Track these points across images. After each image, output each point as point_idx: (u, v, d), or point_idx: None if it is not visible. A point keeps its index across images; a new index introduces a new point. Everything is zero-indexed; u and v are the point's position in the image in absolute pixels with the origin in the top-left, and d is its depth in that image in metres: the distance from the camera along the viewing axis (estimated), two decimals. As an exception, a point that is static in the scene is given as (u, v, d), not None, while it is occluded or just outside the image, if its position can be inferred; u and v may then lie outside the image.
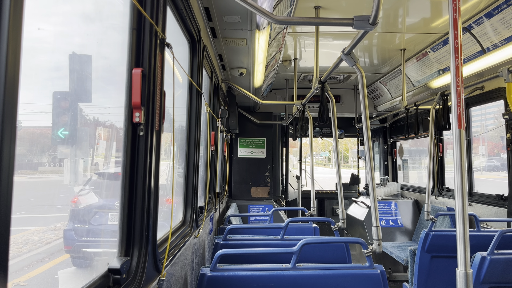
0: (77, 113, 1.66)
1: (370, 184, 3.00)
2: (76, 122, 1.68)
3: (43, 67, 1.43)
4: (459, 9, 1.92)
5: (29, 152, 1.48)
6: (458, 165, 1.99)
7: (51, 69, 1.52)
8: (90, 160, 1.98)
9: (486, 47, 4.36)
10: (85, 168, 1.91)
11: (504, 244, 3.87)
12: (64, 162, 1.70)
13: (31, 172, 1.49)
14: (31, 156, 1.49)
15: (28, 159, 1.46)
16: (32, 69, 1.28)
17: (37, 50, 1.35)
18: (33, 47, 1.29)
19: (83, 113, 1.73)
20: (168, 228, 2.37)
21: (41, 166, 1.56)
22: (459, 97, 1.94)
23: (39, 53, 1.38)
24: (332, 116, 3.98)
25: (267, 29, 3.61)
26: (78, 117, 1.68)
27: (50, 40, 1.44)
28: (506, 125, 4.80)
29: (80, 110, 1.69)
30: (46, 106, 1.47)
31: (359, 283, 2.62)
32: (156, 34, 1.86)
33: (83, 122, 1.77)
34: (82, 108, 1.71)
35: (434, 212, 6.27)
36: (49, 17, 1.41)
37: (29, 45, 1.09)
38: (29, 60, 1.17)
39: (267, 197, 7.68)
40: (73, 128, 1.64)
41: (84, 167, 1.88)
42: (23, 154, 1.41)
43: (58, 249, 2.41)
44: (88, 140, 1.85)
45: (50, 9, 1.43)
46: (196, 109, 3.30)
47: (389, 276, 6.95)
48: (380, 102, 7.86)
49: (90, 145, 1.89)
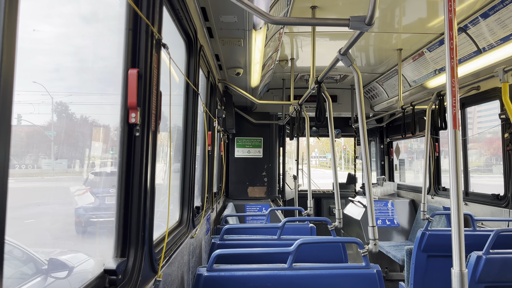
0: (73, 113, 1.66)
1: (367, 183, 3.01)
2: (72, 123, 1.67)
3: (39, 68, 1.43)
4: (455, 10, 1.93)
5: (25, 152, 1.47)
6: (453, 165, 2.00)
7: (47, 70, 1.51)
8: (87, 161, 1.97)
9: (482, 47, 4.38)
10: (81, 168, 1.90)
11: (499, 243, 3.89)
12: (59, 162, 1.70)
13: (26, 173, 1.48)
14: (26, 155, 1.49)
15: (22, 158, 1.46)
16: (26, 70, 1.27)
17: (32, 51, 1.35)
18: (29, 48, 1.29)
19: (79, 114, 1.73)
20: (165, 228, 2.37)
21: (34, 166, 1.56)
22: (454, 97, 1.95)
23: (35, 54, 1.38)
24: (328, 116, 3.98)
25: (264, 29, 3.62)
26: (74, 118, 1.68)
27: (45, 41, 1.43)
28: (502, 125, 4.82)
29: (76, 111, 1.68)
30: (42, 106, 1.47)
31: (355, 283, 2.63)
32: (152, 34, 1.86)
33: (78, 123, 1.76)
34: (78, 109, 1.70)
35: (430, 211, 6.29)
36: (45, 18, 1.41)
37: (24, 46, 1.09)
38: (24, 61, 1.17)
39: (264, 197, 7.69)
40: (67, 128, 1.64)
41: (79, 167, 1.88)
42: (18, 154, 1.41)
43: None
44: (83, 140, 1.84)
45: (46, 10, 1.43)
46: (193, 109, 3.30)
47: (386, 275, 6.97)
48: (377, 102, 7.88)
49: (86, 146, 1.88)
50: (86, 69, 1.76)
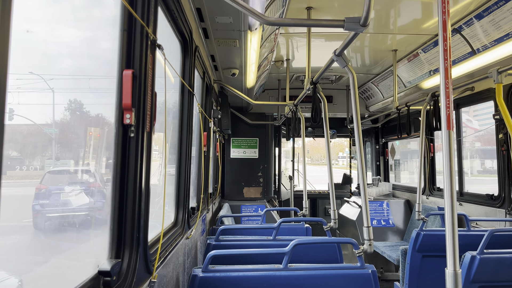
0: (68, 113, 1.65)
1: (362, 184, 3.01)
2: (68, 123, 1.67)
3: (33, 68, 1.42)
4: (448, 11, 1.94)
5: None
6: (447, 165, 2.01)
7: (42, 70, 1.51)
8: (81, 161, 1.96)
9: (476, 48, 4.40)
10: (76, 168, 1.90)
11: (493, 243, 3.91)
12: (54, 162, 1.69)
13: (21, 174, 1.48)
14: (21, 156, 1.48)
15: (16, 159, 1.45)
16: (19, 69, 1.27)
17: (27, 51, 1.34)
18: (24, 48, 1.28)
19: (74, 114, 1.72)
20: (160, 229, 2.36)
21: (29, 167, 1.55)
22: (448, 98, 1.96)
23: (30, 54, 1.37)
24: (324, 117, 3.99)
25: (259, 30, 3.62)
26: (69, 118, 1.68)
27: (40, 42, 1.43)
28: (496, 125, 4.85)
29: (71, 111, 1.68)
30: (38, 106, 1.46)
31: (350, 283, 2.64)
32: (147, 35, 1.86)
33: (74, 123, 1.76)
34: (73, 109, 1.70)
35: (425, 211, 6.32)
36: (39, 19, 1.41)
37: (17, 46, 1.08)
38: (18, 62, 1.17)
39: (260, 198, 7.69)
40: (62, 128, 1.63)
41: (74, 167, 1.87)
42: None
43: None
44: (78, 141, 1.84)
45: (40, 10, 1.42)
46: (188, 109, 3.30)
47: (381, 275, 6.99)
48: (372, 102, 7.90)
49: (80, 146, 1.88)
50: (80, 69, 1.75)
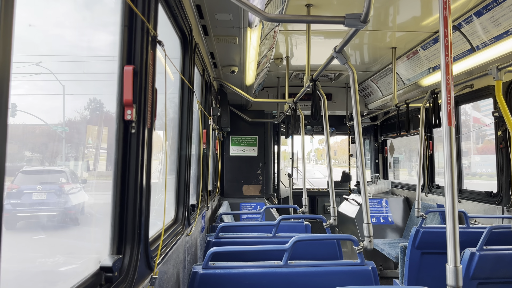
0: (68, 112, 1.65)
1: (361, 181, 3.02)
2: (70, 121, 1.66)
3: (32, 63, 1.42)
4: (449, 7, 1.94)
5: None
6: (448, 161, 2.01)
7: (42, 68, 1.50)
8: (81, 159, 1.96)
9: (475, 46, 4.41)
10: (76, 166, 1.89)
11: (493, 240, 3.92)
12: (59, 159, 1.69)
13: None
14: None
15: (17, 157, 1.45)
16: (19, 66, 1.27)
17: (27, 47, 1.34)
18: (24, 43, 1.28)
19: (75, 112, 1.72)
20: (160, 226, 2.36)
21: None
22: (449, 94, 1.96)
23: (30, 48, 1.37)
24: (323, 114, 3.99)
25: (259, 27, 3.61)
26: (70, 116, 1.67)
27: (41, 38, 1.42)
28: (495, 122, 4.85)
29: (71, 109, 1.67)
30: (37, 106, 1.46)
31: (350, 280, 2.64)
32: (147, 31, 1.85)
33: (75, 121, 1.75)
34: (73, 106, 1.70)
35: (424, 209, 6.33)
36: (40, 15, 1.40)
37: (19, 42, 1.08)
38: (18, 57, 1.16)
39: (259, 195, 7.69)
40: (66, 126, 1.63)
41: (74, 165, 1.87)
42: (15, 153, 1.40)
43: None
44: (79, 138, 1.83)
45: (41, 5, 1.42)
46: (188, 106, 3.29)
47: (380, 272, 7.01)
48: (371, 100, 7.91)
49: (81, 143, 1.87)
50: (81, 65, 1.75)
